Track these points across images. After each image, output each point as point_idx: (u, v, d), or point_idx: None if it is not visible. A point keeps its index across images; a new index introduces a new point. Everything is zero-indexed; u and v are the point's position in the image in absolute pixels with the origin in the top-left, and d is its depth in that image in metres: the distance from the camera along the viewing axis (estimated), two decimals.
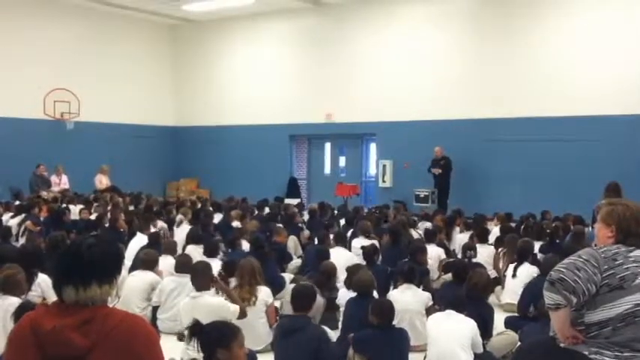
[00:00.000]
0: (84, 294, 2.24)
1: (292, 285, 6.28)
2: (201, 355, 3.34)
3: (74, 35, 17.51)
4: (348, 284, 5.96)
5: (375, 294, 5.63)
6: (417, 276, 5.89)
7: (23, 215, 10.17)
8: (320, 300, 5.69)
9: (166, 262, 6.89)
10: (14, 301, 4.79)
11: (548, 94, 13.72)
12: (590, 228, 8.88)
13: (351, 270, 6.11)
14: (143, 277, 6.45)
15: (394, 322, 4.95)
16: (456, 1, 15.30)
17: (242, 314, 5.19)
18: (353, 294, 5.56)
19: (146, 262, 6.53)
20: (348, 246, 8.46)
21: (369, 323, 4.80)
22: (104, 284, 2.28)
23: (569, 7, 13.64)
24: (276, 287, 6.75)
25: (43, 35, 16.68)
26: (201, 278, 5.38)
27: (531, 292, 6.00)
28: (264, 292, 5.77)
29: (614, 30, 13.06)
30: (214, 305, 5.13)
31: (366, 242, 8.00)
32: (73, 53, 17.29)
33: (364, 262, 6.99)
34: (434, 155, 14.67)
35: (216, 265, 6.58)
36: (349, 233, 9.28)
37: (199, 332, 3.26)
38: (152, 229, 8.98)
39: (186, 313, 5.08)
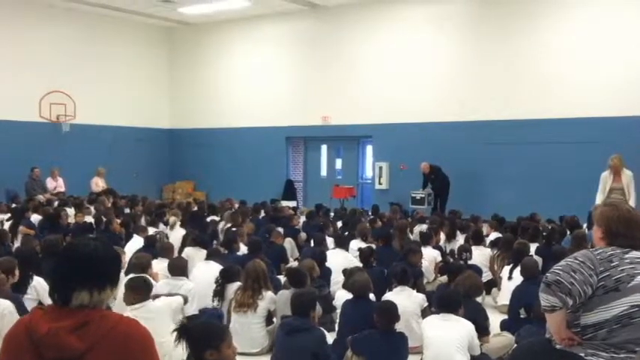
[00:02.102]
0: (98, 297, 2.26)
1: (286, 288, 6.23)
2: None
3: (70, 38, 17.47)
4: (346, 286, 5.95)
5: (372, 296, 5.64)
6: (411, 278, 5.88)
7: (12, 221, 10.14)
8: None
9: (162, 265, 6.86)
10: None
11: (547, 96, 13.68)
12: (587, 230, 8.90)
13: (348, 272, 6.10)
14: None
15: None
16: (454, 3, 15.27)
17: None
18: (349, 296, 5.56)
19: (138, 266, 6.49)
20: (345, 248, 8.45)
21: (368, 325, 4.80)
22: (114, 287, 2.36)
23: (568, 9, 13.61)
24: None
25: (38, 37, 16.64)
26: (137, 293, 5.00)
27: (517, 298, 6.00)
28: (267, 299, 5.70)
29: (613, 32, 13.02)
30: (166, 305, 5.09)
31: (364, 245, 7.99)
32: (69, 55, 17.24)
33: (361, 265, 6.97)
34: (421, 171, 14.53)
35: (215, 268, 6.58)
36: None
37: (186, 333, 3.25)
38: (150, 232, 8.95)
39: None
